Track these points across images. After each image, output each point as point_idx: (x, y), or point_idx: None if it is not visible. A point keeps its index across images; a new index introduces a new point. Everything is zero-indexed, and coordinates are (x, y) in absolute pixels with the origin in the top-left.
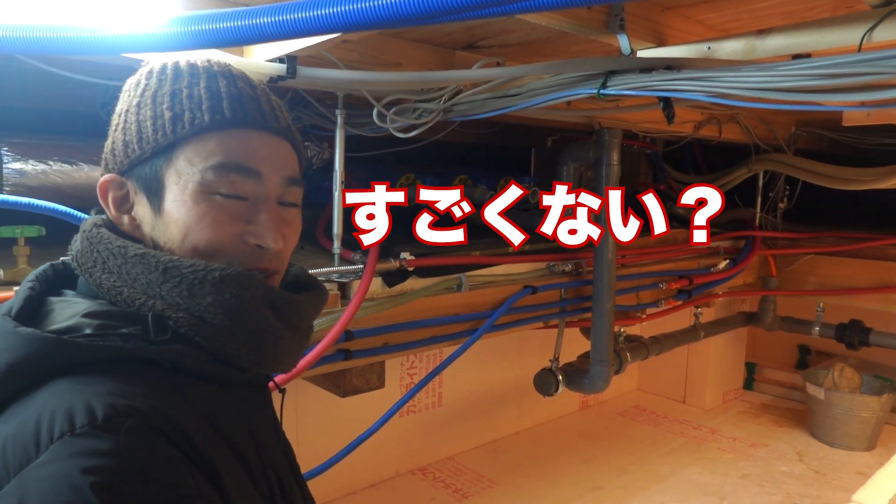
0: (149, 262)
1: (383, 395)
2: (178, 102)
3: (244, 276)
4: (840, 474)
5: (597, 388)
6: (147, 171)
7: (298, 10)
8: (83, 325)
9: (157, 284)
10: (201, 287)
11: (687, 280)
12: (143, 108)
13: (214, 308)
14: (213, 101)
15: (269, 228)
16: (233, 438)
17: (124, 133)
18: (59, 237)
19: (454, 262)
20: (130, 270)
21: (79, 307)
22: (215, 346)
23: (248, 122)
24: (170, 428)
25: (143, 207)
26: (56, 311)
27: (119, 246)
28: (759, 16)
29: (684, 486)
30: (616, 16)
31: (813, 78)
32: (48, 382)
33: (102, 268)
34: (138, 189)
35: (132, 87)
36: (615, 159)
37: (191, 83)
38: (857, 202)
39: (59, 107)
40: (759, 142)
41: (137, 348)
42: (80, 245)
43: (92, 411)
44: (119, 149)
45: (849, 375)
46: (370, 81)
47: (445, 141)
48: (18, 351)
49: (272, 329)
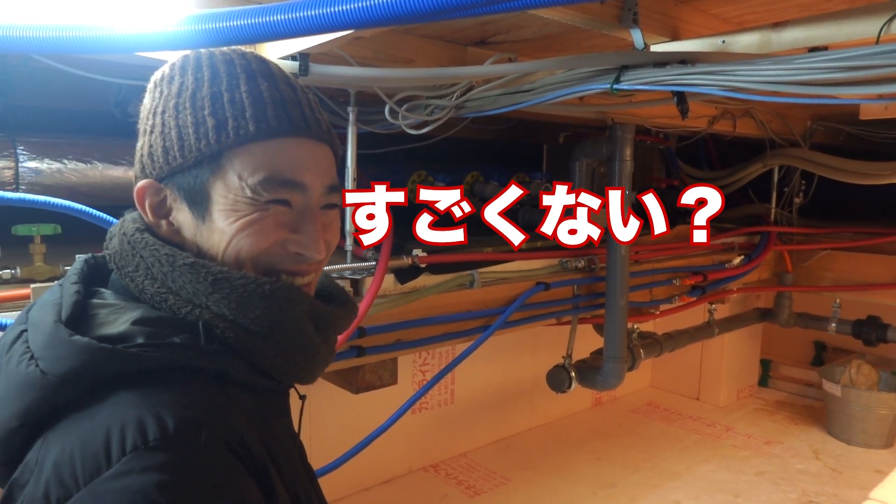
0: (198, 272)
1: (396, 391)
2: (219, 108)
3: (292, 290)
4: (857, 472)
5: (610, 384)
6: (190, 180)
7: (313, 7)
8: (135, 334)
9: (205, 294)
10: (250, 300)
11: (701, 276)
12: (183, 111)
13: (261, 321)
14: (256, 108)
15: (313, 240)
16: (270, 445)
17: (163, 138)
18: (74, 235)
19: (466, 259)
20: (177, 279)
21: (126, 314)
22: (259, 358)
23: (293, 130)
24: (234, 439)
25: (184, 214)
26: (102, 316)
27: (167, 254)
28: (775, 8)
29: (698, 484)
30: (629, 10)
31: (830, 71)
32: (106, 391)
33: (146, 273)
34: (178, 196)
35: (164, 83)
36: (628, 155)
37: (230, 85)
38: (875, 197)
39: (74, 106)
40: (774, 136)
41: (190, 358)
42: (120, 247)
43: (163, 424)
44: (158, 154)
45: (866, 372)
46: (382, 78)
47: (458, 137)
48: (75, 360)
49: (313, 343)
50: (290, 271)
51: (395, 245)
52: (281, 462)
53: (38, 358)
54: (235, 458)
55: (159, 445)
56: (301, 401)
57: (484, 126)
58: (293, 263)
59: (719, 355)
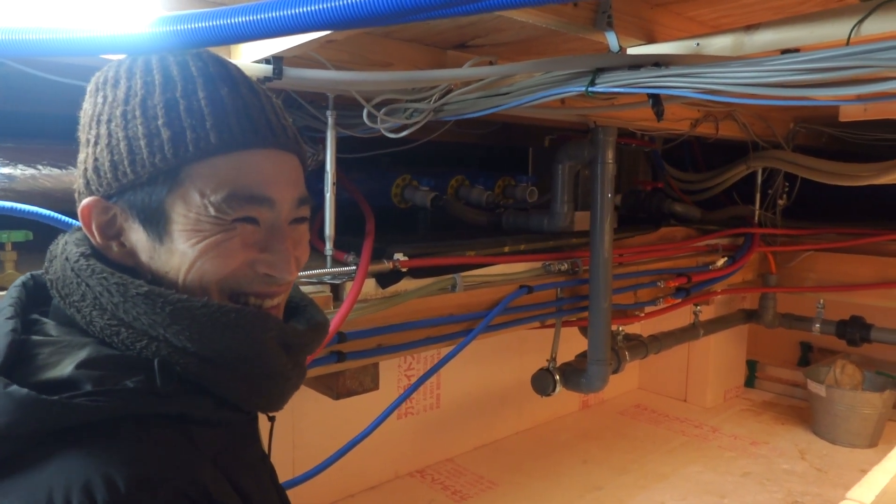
0: (154, 302)
1: (381, 397)
2: (175, 117)
3: (260, 317)
4: (842, 472)
5: (594, 387)
6: (144, 198)
7: (283, 8)
8: (81, 379)
9: (163, 326)
10: (213, 330)
11: (685, 278)
12: (132, 120)
13: (228, 352)
14: (217, 117)
15: (283, 259)
16: (237, 480)
17: (110, 151)
18: (46, 241)
19: (449, 263)
20: (130, 310)
21: (71, 354)
22: (226, 391)
23: (259, 140)
24: (192, 490)
25: (138, 235)
26: (43, 357)
27: (117, 283)
28: (749, 11)
29: (685, 485)
30: (604, 13)
31: (802, 72)
32: (47, 449)
33: (93, 304)
34: (130, 215)
35: (108, 87)
36: (610, 158)
37: (186, 91)
38: (857, 198)
39: (48, 110)
40: (756, 139)
41: (145, 404)
42: (62, 273)
43: (112, 485)
44: (105, 169)
45: (850, 372)
46: (358, 82)
47: (443, 141)
48: (12, 415)
49: (284, 371)
50: (260, 293)
51: (376, 249)
52: (252, 493)
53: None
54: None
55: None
56: (270, 422)
57: (469, 129)
58: (262, 286)
59: (705, 357)
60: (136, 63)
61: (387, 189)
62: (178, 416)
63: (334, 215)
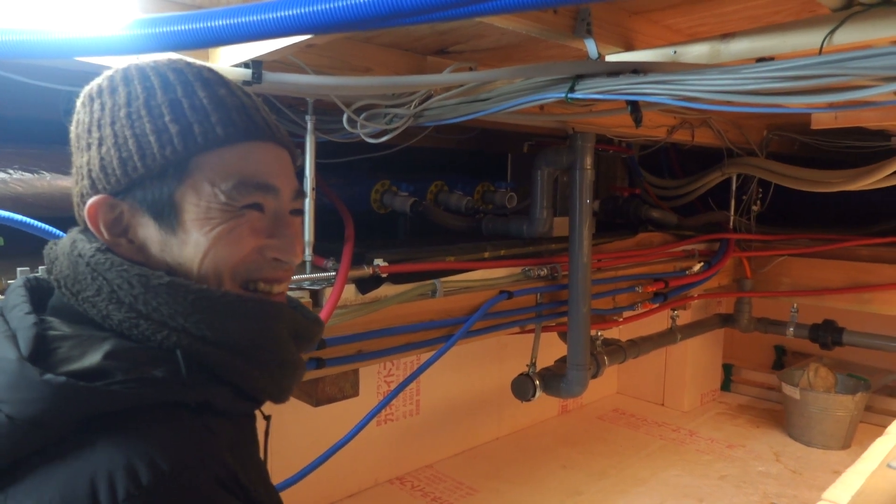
0: (176, 292)
1: (361, 403)
2: (181, 114)
3: (274, 306)
4: (816, 473)
5: (574, 392)
6: (155, 192)
7: (260, 12)
8: (111, 369)
9: (184, 316)
10: (233, 319)
11: (663, 283)
12: (138, 119)
13: (246, 340)
14: (220, 113)
15: (290, 243)
16: (250, 472)
17: (118, 149)
18: (17, 247)
19: (428, 268)
20: (150, 301)
21: (94, 346)
22: (245, 379)
23: (259, 134)
24: (225, 475)
25: (149, 230)
26: (64, 351)
27: (139, 274)
28: (727, 20)
29: (663, 489)
30: (583, 20)
31: (776, 80)
32: (81, 436)
33: (110, 297)
34: (140, 210)
35: (106, 95)
36: (588, 164)
37: (187, 92)
38: (829, 204)
39: (20, 114)
40: (731, 146)
41: (174, 392)
42: (73, 270)
43: (156, 467)
44: (114, 167)
45: (823, 375)
46: (339, 86)
47: (422, 147)
48: (48, 403)
49: (295, 359)
50: (269, 279)
51: (355, 255)
52: (262, 492)
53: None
54: (230, 495)
55: (154, 491)
56: (266, 421)
57: (448, 135)
58: (272, 271)
59: (683, 361)
60: (130, 71)
61: (366, 195)
62: (200, 406)
63: (314, 221)
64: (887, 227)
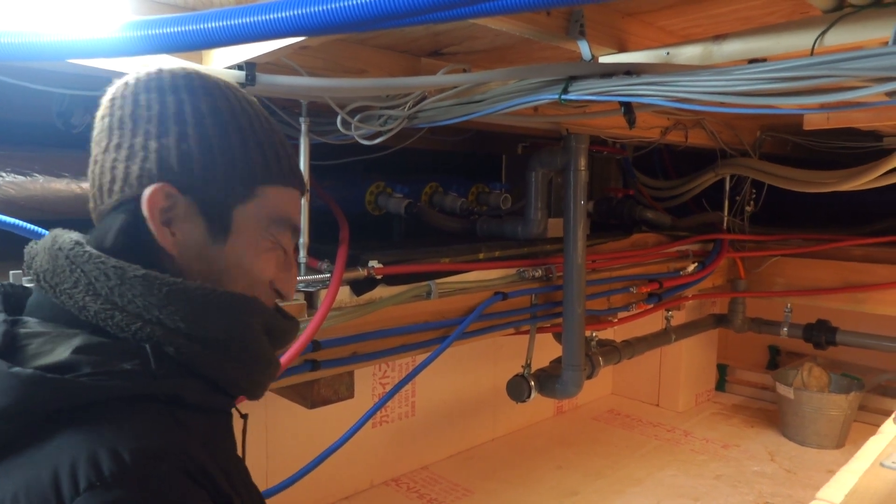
0: (151, 284)
1: (356, 405)
2: (264, 144)
3: (249, 300)
4: (811, 473)
5: (569, 393)
6: (217, 200)
7: (251, 14)
8: (80, 363)
9: (158, 307)
10: (206, 311)
11: (657, 283)
12: (225, 132)
13: (219, 333)
14: (284, 154)
15: (293, 284)
16: (225, 466)
17: (201, 151)
18: (7, 251)
19: (423, 270)
20: (126, 293)
21: (65, 342)
22: (217, 372)
23: (300, 183)
24: (193, 467)
25: (198, 229)
26: (34, 347)
27: (115, 266)
28: (719, 21)
29: (659, 489)
30: (576, 22)
31: (768, 81)
32: (48, 428)
33: (86, 289)
34: (195, 211)
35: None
36: (582, 165)
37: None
38: (822, 204)
39: (13, 116)
40: (724, 146)
41: (143, 385)
42: (52, 264)
43: (119, 457)
44: (195, 165)
45: (817, 375)
46: (332, 88)
47: (417, 148)
48: (17, 394)
49: (269, 355)
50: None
51: (350, 256)
52: (239, 485)
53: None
54: (198, 486)
55: (116, 481)
56: (243, 420)
57: (443, 137)
58: (269, 299)
59: (677, 361)
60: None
61: (360, 196)
62: (171, 398)
63: (308, 223)
64: (880, 228)
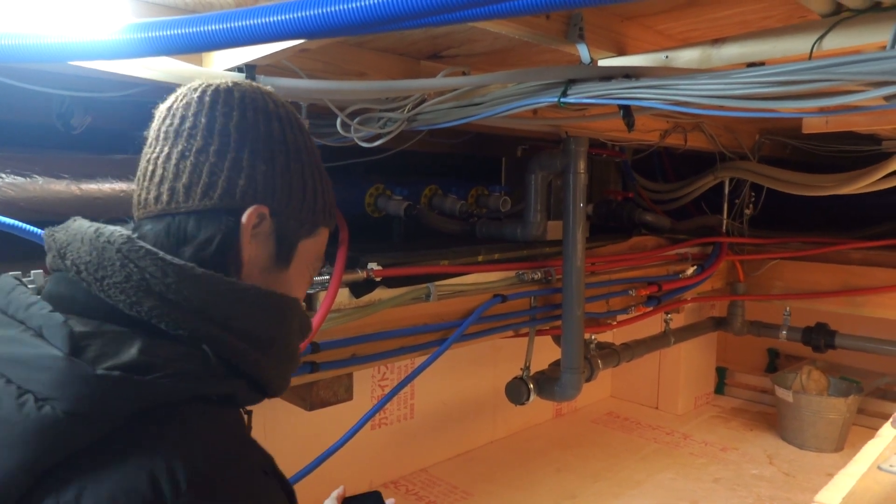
0: (208, 283)
1: (355, 407)
2: (326, 192)
3: (294, 301)
4: (809, 476)
5: (568, 395)
6: (291, 230)
7: (251, 17)
8: (151, 365)
9: (212, 306)
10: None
11: (656, 286)
12: (314, 174)
13: (265, 332)
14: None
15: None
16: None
17: (289, 182)
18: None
19: (422, 272)
20: (183, 290)
21: (126, 342)
22: (260, 371)
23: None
24: (265, 463)
25: (264, 252)
26: (96, 348)
27: (174, 264)
28: (718, 25)
29: (657, 492)
30: (575, 25)
31: (767, 85)
32: (129, 429)
33: (139, 285)
34: (272, 234)
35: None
36: (582, 168)
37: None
38: (820, 208)
39: (13, 118)
40: (724, 150)
41: (205, 386)
42: (97, 256)
43: (212, 456)
44: (290, 197)
45: (816, 378)
46: (332, 91)
47: (416, 151)
48: (103, 397)
49: (298, 355)
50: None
51: (349, 258)
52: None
53: (49, 398)
54: (271, 479)
55: (214, 479)
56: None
57: (442, 139)
58: None
59: (676, 364)
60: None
61: (360, 198)
62: (224, 398)
63: None
64: (879, 231)
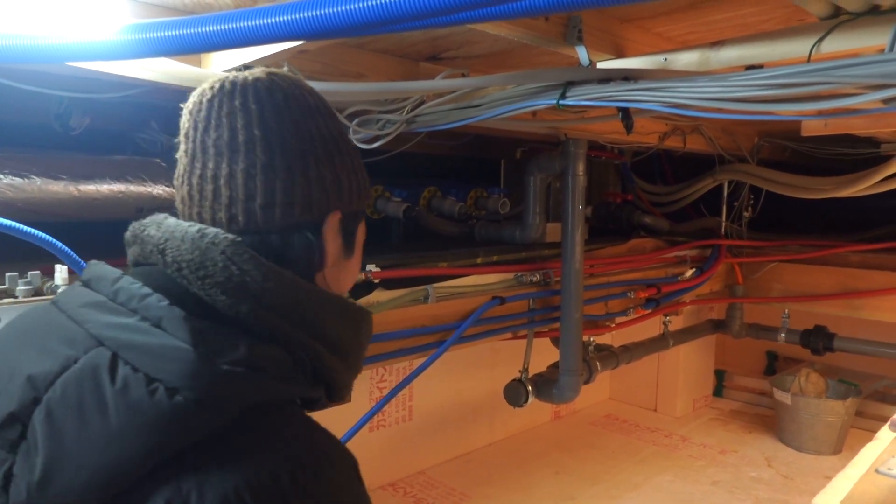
0: (302, 291)
1: (353, 409)
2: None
3: (369, 313)
4: (808, 478)
5: (566, 397)
6: (353, 222)
7: (249, 18)
8: (262, 364)
9: (311, 312)
10: (343, 319)
11: (655, 289)
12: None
13: (345, 341)
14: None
15: None
16: None
17: (351, 181)
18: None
19: (421, 274)
20: (281, 296)
21: (235, 340)
22: (335, 378)
23: None
24: (355, 462)
25: (337, 246)
26: (212, 342)
27: (274, 270)
28: (716, 28)
29: (656, 495)
30: (574, 28)
31: (765, 88)
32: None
33: (238, 286)
34: (340, 228)
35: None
36: (580, 170)
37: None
38: (819, 210)
39: (11, 118)
40: (722, 152)
41: (305, 389)
42: (198, 256)
43: (325, 451)
44: (351, 193)
45: (814, 380)
46: (331, 92)
47: (416, 153)
48: (228, 390)
49: (362, 361)
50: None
51: None
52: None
53: (181, 388)
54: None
55: (329, 472)
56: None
57: (441, 141)
58: None
59: (675, 367)
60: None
61: None
62: (307, 401)
63: None
64: (878, 234)
